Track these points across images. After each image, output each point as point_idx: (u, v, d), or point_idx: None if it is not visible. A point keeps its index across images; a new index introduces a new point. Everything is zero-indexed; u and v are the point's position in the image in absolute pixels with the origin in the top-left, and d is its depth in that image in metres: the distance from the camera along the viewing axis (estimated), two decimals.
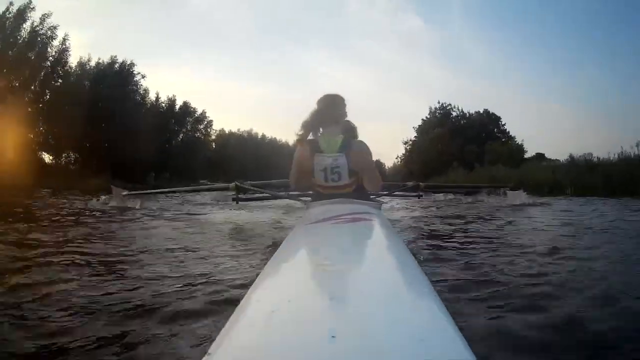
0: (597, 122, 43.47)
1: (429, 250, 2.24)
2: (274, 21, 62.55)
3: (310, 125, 1.92)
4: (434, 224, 3.71)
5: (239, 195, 3.00)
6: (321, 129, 1.93)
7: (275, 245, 1.73)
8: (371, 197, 2.40)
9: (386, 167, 37.82)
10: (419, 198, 3.82)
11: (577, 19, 43.19)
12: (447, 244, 2.49)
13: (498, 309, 1.25)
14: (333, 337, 0.46)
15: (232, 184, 3.03)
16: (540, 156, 20.50)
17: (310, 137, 1.95)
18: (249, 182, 3.12)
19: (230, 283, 1.50)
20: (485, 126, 25.12)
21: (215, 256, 2.01)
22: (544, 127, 42.86)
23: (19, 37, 16.66)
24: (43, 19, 17.11)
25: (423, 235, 2.93)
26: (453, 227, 3.41)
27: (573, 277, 1.65)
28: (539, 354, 0.99)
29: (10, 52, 16.48)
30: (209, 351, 0.47)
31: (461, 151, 21.90)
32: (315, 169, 1.85)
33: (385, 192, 3.63)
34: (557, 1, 49.15)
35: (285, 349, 0.46)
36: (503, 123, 26.30)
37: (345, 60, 64.18)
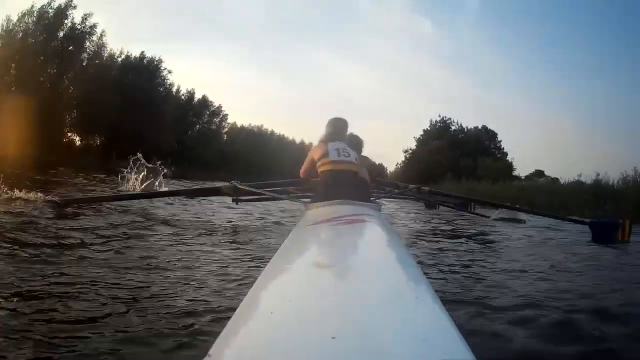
0: (605, 137, 44.08)
1: (428, 251, 2.26)
2: (282, 17, 63.13)
3: (324, 138, 2.53)
4: (433, 226, 3.81)
5: (239, 196, 2.97)
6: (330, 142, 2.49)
7: (275, 246, 1.79)
8: (371, 199, 2.60)
9: (388, 171, 39.20)
10: (418, 201, 3.85)
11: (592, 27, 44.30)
12: (446, 245, 2.52)
13: (497, 309, 1.27)
14: (333, 337, 0.47)
15: (231, 185, 2.96)
16: (539, 173, 21.56)
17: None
18: (246, 183, 3.14)
19: (230, 284, 1.50)
20: (481, 142, 26.70)
21: (215, 257, 2.01)
22: (549, 140, 44.05)
23: (60, 31, 18.89)
24: (85, 18, 19.64)
25: (423, 236, 2.96)
26: (452, 229, 3.54)
27: (568, 280, 1.73)
28: (536, 353, 1.00)
29: (53, 43, 18.54)
30: (210, 352, 0.47)
31: (457, 164, 23.45)
32: (330, 150, 2.33)
33: (386, 194, 3.76)
34: (568, 9, 49.90)
35: (286, 349, 0.47)
36: (499, 139, 28.02)
37: (349, 58, 65.38)
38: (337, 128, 2.56)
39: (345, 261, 0.93)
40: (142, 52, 23.29)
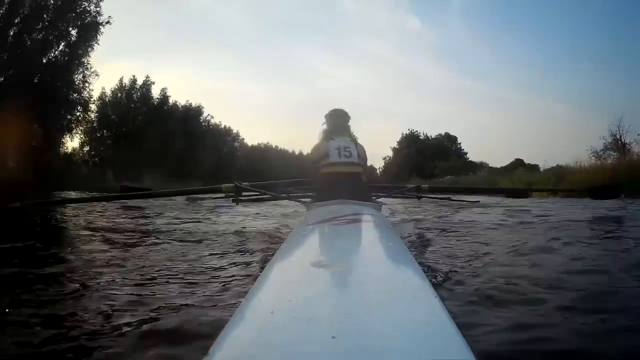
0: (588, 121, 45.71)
1: (428, 250, 2.26)
2: (270, 21, 64.81)
3: (327, 133, 2.52)
4: (433, 224, 3.67)
5: (239, 196, 2.91)
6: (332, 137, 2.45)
7: (275, 246, 1.79)
8: (372, 198, 2.65)
9: (377, 172, 45.67)
10: (419, 200, 3.84)
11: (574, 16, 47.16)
12: (446, 244, 2.48)
13: (497, 308, 1.25)
14: (333, 337, 0.48)
15: (231, 185, 2.92)
16: (519, 162, 24.51)
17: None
18: (247, 183, 3.10)
19: (230, 284, 1.49)
20: (442, 147, 35.17)
21: (215, 257, 1.99)
22: (534, 128, 47.89)
23: (143, 101, 28.50)
24: (164, 90, 29.53)
25: (423, 235, 2.90)
26: (452, 228, 3.42)
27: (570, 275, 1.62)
28: (537, 353, 0.97)
29: (144, 108, 28.24)
30: (209, 352, 0.48)
31: (422, 166, 31.55)
32: (330, 149, 2.31)
33: (385, 194, 3.77)
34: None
35: (286, 349, 0.47)
36: (459, 142, 36.42)
37: (338, 60, 68.00)
38: (337, 122, 2.54)
39: (346, 261, 0.93)
40: (187, 100, 32.55)
